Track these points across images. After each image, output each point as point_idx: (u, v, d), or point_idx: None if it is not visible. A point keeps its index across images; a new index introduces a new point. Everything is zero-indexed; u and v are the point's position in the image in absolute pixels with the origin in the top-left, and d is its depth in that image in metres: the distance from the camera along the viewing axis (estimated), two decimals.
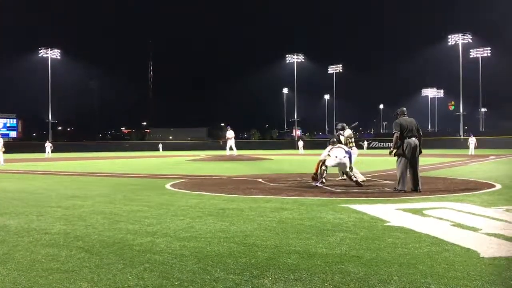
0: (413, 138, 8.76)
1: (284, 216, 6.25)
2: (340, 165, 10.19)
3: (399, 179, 8.87)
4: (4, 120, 75.81)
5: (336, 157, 10.04)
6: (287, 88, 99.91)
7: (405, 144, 8.75)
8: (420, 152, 9.00)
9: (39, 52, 72.24)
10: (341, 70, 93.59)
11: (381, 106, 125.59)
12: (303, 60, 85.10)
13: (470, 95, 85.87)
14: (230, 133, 29.44)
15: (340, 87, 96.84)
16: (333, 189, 9.68)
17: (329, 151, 10.30)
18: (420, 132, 9.04)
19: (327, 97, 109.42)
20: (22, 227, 5.68)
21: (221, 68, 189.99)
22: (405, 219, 5.86)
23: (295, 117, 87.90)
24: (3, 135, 73.79)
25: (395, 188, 9.07)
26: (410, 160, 8.78)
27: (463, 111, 75.05)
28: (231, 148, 29.46)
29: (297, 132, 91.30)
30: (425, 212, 6.42)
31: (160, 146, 67.81)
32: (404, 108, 9.16)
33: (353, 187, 9.82)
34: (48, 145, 44.29)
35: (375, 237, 4.81)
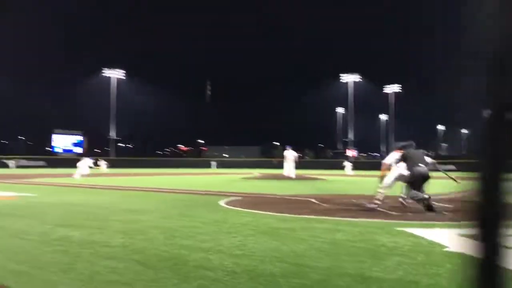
0: (422, 166, 9.49)
1: (337, 238, 6.17)
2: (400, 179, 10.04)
3: (418, 200, 9.34)
4: (72, 137, 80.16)
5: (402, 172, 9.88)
6: (342, 108, 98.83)
7: (415, 172, 9.40)
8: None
9: (103, 72, 76.19)
10: (398, 90, 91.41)
11: (440, 126, 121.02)
12: (359, 80, 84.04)
13: None
14: (288, 153, 28.53)
15: (397, 106, 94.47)
16: (388, 211, 9.42)
17: (398, 160, 10.03)
18: (430, 160, 10.07)
19: (382, 117, 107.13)
20: (84, 239, 5.98)
21: (276, 87, 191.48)
22: (465, 245, 5.59)
23: (350, 137, 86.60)
24: (70, 151, 78.18)
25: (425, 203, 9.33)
26: (417, 184, 9.39)
27: None
28: (290, 169, 28.40)
29: (353, 153, 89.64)
30: None
31: (213, 163, 68.86)
32: (412, 142, 10.16)
33: (410, 210, 9.51)
34: (102, 162, 46.42)
35: (433, 262, 4.63)
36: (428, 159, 9.97)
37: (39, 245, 5.61)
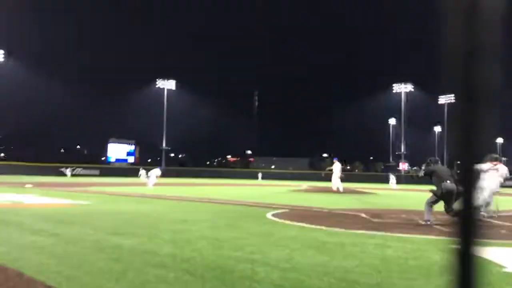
0: (449, 182, 9.55)
1: (388, 254, 5.98)
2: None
3: (425, 212, 9.64)
4: (125, 147, 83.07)
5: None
6: (394, 119, 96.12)
7: (442, 186, 9.47)
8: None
9: (157, 83, 78.52)
10: (453, 101, 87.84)
11: (500, 140, 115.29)
12: (412, 90, 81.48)
13: None
14: (335, 166, 28.12)
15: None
16: (442, 227, 9.04)
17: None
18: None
19: (437, 128, 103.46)
20: (135, 248, 6.14)
21: (324, 98, 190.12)
22: None
23: (402, 149, 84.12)
24: (123, 160, 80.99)
25: (424, 221, 9.57)
26: (447, 199, 9.49)
27: None
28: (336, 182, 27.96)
29: (404, 166, 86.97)
30: None
31: (260, 175, 69.00)
32: (438, 158, 10.79)
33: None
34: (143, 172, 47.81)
35: (490, 283, 4.38)
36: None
37: (93, 252, 5.82)
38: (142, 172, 48.72)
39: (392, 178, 44.79)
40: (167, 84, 78.22)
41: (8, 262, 5.05)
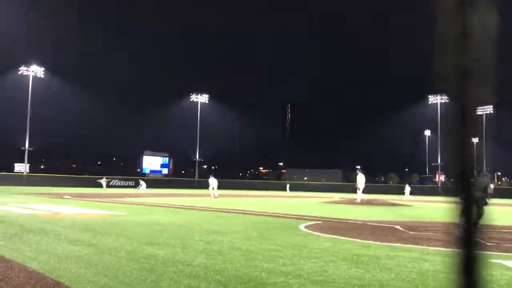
0: (477, 193, 9.69)
1: (425, 268, 5.80)
2: None
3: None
4: (159, 159, 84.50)
5: None
6: (429, 130, 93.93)
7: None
8: (486, 203, 10.03)
9: (190, 97, 79.86)
10: (491, 112, 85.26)
11: None
12: (447, 101, 79.42)
13: None
14: (359, 177, 28.00)
15: (489, 128, 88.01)
16: (483, 241, 8.71)
17: None
18: (487, 190, 10.88)
19: (475, 140, 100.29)
20: (168, 258, 6.19)
21: (359, 109, 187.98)
22: None
23: (438, 161, 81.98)
24: (157, 172, 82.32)
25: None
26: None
27: None
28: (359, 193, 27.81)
29: (440, 178, 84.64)
30: None
31: (288, 186, 68.53)
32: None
33: (509, 241, 8.72)
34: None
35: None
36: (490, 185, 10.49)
37: (128, 262, 5.90)
38: (143, 183, 50.01)
39: (407, 189, 43.96)
40: (201, 98, 79.61)
41: (46, 271, 5.19)
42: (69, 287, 4.52)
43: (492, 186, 11.22)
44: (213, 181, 31.04)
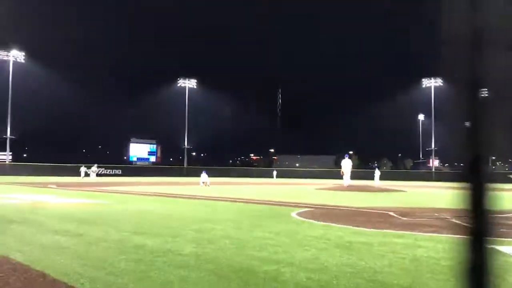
0: None
1: (419, 254, 5.73)
2: None
3: None
4: (147, 146, 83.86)
5: None
6: (423, 115, 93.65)
7: None
8: None
9: (178, 82, 79.03)
10: (485, 95, 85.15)
11: None
12: (441, 85, 78.99)
13: None
14: (343, 162, 28.62)
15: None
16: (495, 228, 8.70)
17: None
18: None
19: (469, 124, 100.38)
20: (157, 247, 6.05)
21: (351, 94, 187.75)
22: None
23: (432, 146, 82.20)
24: (145, 159, 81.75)
25: None
26: None
27: None
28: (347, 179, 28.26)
29: (434, 162, 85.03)
30: None
31: (274, 173, 68.39)
32: None
33: (503, 225, 8.70)
34: (83, 170, 48.62)
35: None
36: None
37: (115, 252, 5.75)
38: (82, 169, 49.55)
39: (377, 174, 43.10)
40: (189, 83, 78.79)
41: (31, 263, 5.03)
42: (55, 279, 4.37)
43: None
44: (204, 177, 31.41)
